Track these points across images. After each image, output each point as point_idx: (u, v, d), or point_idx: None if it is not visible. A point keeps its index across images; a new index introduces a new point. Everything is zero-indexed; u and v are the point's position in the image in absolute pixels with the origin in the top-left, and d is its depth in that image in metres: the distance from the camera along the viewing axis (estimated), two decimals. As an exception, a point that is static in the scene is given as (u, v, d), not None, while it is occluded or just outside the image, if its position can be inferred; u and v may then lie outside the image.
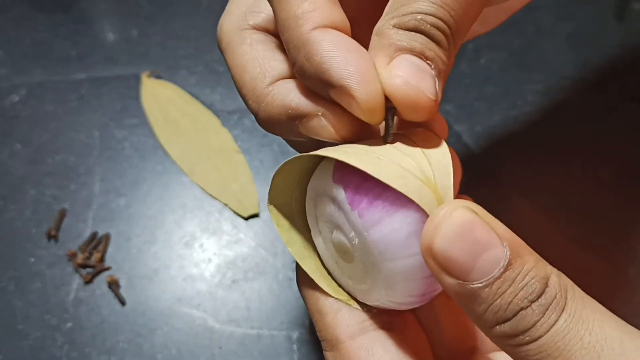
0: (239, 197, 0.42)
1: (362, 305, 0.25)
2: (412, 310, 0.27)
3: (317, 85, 0.22)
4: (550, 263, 0.36)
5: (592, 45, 0.49)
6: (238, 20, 0.26)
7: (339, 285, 0.26)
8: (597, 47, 0.49)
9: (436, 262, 0.19)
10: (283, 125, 0.24)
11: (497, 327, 0.19)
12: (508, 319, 0.19)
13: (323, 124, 0.23)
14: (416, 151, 0.23)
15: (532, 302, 0.18)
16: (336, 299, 0.25)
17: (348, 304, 0.25)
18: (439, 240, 0.19)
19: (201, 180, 0.43)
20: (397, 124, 0.26)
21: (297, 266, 0.26)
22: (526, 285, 0.19)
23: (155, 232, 0.42)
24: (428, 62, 0.22)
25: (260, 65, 0.25)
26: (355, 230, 0.22)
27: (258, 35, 0.26)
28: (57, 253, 0.41)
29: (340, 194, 0.22)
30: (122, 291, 0.39)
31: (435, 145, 0.23)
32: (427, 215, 0.20)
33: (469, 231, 0.19)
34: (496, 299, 0.19)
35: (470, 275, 0.19)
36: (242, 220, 0.42)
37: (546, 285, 0.19)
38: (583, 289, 0.34)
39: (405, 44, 0.22)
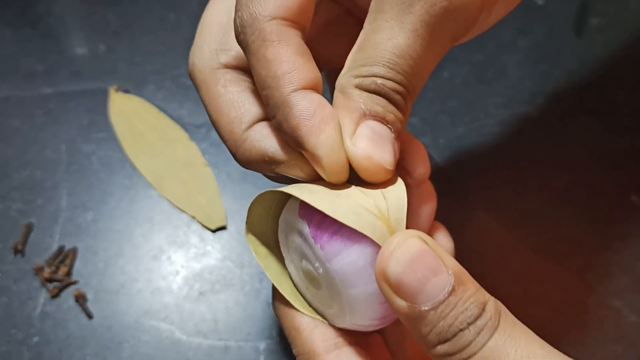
0: (206, 210, 0.43)
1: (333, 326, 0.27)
2: (380, 332, 0.29)
3: (291, 142, 0.25)
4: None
5: (551, 59, 0.51)
6: (210, 57, 0.27)
7: (312, 308, 0.28)
8: (556, 61, 0.51)
9: (389, 285, 0.22)
10: (260, 166, 0.27)
11: (439, 346, 0.21)
12: (448, 339, 0.21)
13: (296, 170, 0.26)
14: (374, 189, 0.25)
15: (470, 324, 0.21)
16: (312, 317, 0.27)
17: (323, 321, 0.27)
18: (392, 265, 0.21)
19: (169, 194, 0.43)
20: None
21: (274, 289, 0.28)
22: (465, 310, 0.21)
23: (123, 245, 0.42)
24: (389, 126, 0.24)
25: (236, 109, 0.26)
26: (319, 261, 0.25)
27: (231, 75, 0.27)
28: (23, 268, 0.41)
29: (305, 228, 0.25)
30: (89, 305, 0.39)
31: (393, 182, 0.25)
32: (380, 247, 0.23)
33: (419, 258, 0.21)
34: (440, 321, 0.21)
35: (418, 298, 0.21)
36: (210, 233, 0.42)
37: (483, 309, 0.21)
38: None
39: (369, 108, 0.24)
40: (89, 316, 0.39)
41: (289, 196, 0.27)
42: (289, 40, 0.24)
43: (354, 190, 0.25)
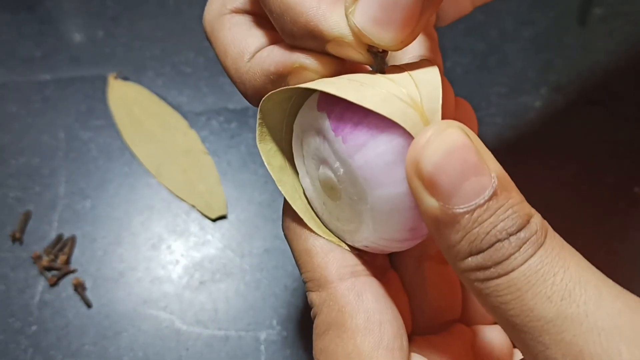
0: (206, 199, 0.42)
1: (353, 249, 0.24)
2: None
3: (311, 43, 0.22)
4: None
5: (554, 49, 0.50)
6: (218, 7, 0.26)
7: (329, 230, 0.25)
8: (559, 51, 0.50)
9: (421, 180, 0.19)
10: (268, 90, 0.24)
11: (470, 258, 0.18)
12: (482, 250, 0.18)
13: (308, 74, 0.23)
14: (403, 76, 0.22)
15: (511, 235, 0.18)
16: (327, 239, 0.24)
17: (339, 246, 0.24)
18: (427, 156, 0.18)
19: (168, 182, 0.43)
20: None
21: (285, 208, 0.25)
22: (507, 218, 0.18)
23: (122, 234, 0.41)
24: None
25: (238, 45, 0.25)
26: (339, 159, 0.22)
27: (237, 18, 0.26)
28: (21, 256, 0.40)
29: (325, 121, 0.22)
30: (88, 293, 0.39)
31: (425, 69, 0.22)
32: (413, 138, 0.19)
33: (459, 152, 0.18)
34: (474, 228, 0.18)
35: (453, 199, 0.18)
36: (210, 222, 0.42)
37: (528, 222, 0.18)
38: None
39: None
40: (88, 305, 0.39)
41: (305, 98, 0.24)
42: None
43: (381, 78, 0.22)
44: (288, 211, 0.25)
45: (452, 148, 0.18)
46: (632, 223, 0.42)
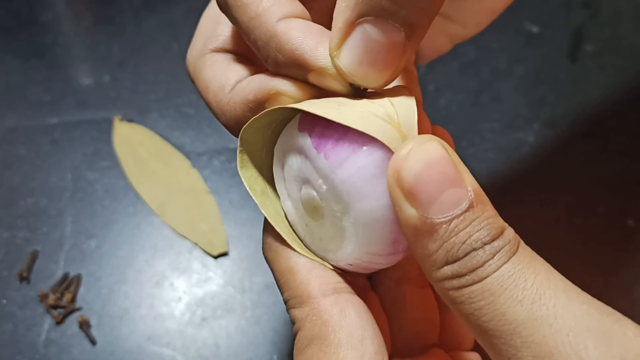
0: (208, 237, 0.43)
1: (336, 268, 0.25)
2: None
3: (293, 71, 0.23)
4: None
5: (546, 85, 0.52)
6: (199, 48, 0.27)
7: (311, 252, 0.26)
8: (551, 87, 0.52)
9: (401, 190, 0.19)
10: (248, 118, 0.24)
11: (446, 267, 0.19)
12: (458, 259, 0.19)
13: (285, 100, 0.23)
14: (380, 98, 0.23)
15: (485, 244, 0.19)
16: (309, 258, 0.24)
17: (323, 264, 0.25)
18: (407, 167, 0.19)
19: (171, 221, 0.44)
20: None
21: (265, 230, 0.26)
22: (482, 229, 0.19)
23: (126, 272, 0.42)
24: (390, 22, 0.21)
25: (219, 79, 0.26)
26: (322, 175, 0.22)
27: (217, 56, 0.27)
28: (28, 294, 0.41)
29: (306, 140, 0.23)
30: (93, 331, 0.40)
31: (401, 92, 0.23)
32: (392, 152, 0.21)
33: (438, 164, 0.19)
34: (451, 237, 0.19)
35: (431, 209, 0.19)
36: (212, 259, 0.43)
37: (501, 233, 0.19)
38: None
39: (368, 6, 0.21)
40: (93, 342, 0.40)
41: (285, 125, 0.25)
42: None
43: (359, 100, 0.23)
44: (269, 232, 0.25)
45: (432, 160, 0.19)
46: (627, 254, 0.43)
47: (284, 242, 0.25)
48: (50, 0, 0.57)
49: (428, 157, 0.19)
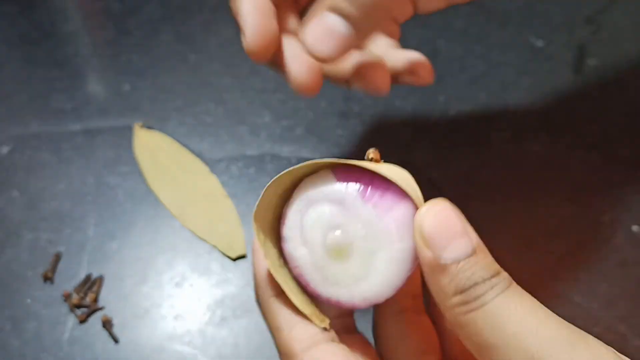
0: (227, 239, 0.45)
1: (323, 319, 0.28)
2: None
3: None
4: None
5: (551, 97, 0.53)
6: None
7: (307, 299, 0.29)
8: (556, 99, 0.53)
9: (422, 239, 0.25)
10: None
11: (455, 297, 0.24)
12: (465, 290, 0.24)
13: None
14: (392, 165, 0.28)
15: (485, 280, 0.24)
16: (300, 312, 0.28)
17: (309, 320, 0.28)
18: (426, 221, 0.25)
19: (191, 224, 0.46)
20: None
21: (257, 283, 0.29)
22: (482, 270, 0.24)
23: (147, 273, 0.44)
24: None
25: None
26: (363, 222, 0.27)
27: None
28: (52, 294, 0.43)
29: (350, 191, 0.27)
30: (115, 330, 0.41)
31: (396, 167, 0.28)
32: (416, 207, 0.26)
33: (448, 220, 0.25)
34: (459, 274, 0.24)
35: (444, 252, 0.24)
36: (230, 261, 0.44)
37: (498, 273, 0.25)
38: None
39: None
40: (115, 340, 0.41)
41: (286, 189, 0.28)
42: None
43: (379, 164, 0.27)
44: (261, 286, 0.29)
45: (445, 217, 0.25)
46: (632, 260, 0.44)
47: (279, 290, 0.28)
48: (70, 13, 0.59)
49: (443, 215, 0.25)
